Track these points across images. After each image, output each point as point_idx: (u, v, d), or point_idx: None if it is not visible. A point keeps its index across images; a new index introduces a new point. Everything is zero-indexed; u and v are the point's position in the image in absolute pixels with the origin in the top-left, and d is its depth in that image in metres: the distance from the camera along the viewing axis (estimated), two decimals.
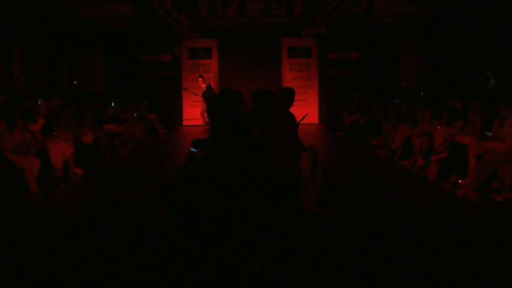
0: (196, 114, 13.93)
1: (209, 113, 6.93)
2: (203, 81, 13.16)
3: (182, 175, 5.96)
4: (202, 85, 13.13)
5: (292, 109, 5.90)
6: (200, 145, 6.02)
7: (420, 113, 8.53)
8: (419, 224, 5.01)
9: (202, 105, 13.38)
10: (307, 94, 14.39)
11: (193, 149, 5.97)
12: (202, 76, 13.31)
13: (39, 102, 7.37)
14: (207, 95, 12.63)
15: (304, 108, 12.57)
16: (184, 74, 14.34)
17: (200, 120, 13.61)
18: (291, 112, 5.78)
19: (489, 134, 6.44)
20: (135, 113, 11.01)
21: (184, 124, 14.30)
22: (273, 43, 14.33)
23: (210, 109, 6.70)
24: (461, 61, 11.28)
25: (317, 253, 4.17)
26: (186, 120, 14.34)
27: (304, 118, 6.54)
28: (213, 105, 6.49)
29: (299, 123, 5.85)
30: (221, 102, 6.07)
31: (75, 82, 12.92)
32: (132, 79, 13.48)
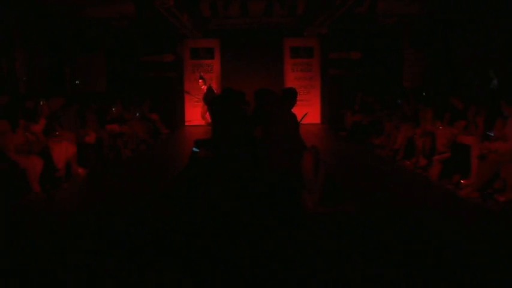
0: (198, 114, 13.93)
1: (211, 113, 6.96)
2: (204, 82, 13.13)
3: (184, 175, 5.97)
4: (202, 87, 13.11)
5: (294, 109, 5.91)
6: (202, 145, 6.04)
7: (422, 113, 8.51)
8: (421, 224, 5.00)
9: (202, 107, 13.38)
10: (309, 94, 14.40)
11: (195, 149, 5.99)
12: (203, 77, 13.27)
13: (40, 103, 7.38)
14: (208, 98, 12.61)
15: (306, 108, 12.55)
16: (186, 74, 14.34)
17: (202, 120, 13.61)
18: (293, 112, 5.78)
19: (492, 134, 6.43)
20: (137, 113, 11.02)
21: (186, 124, 14.31)
22: (275, 43, 14.33)
23: (212, 109, 6.72)
24: (463, 61, 11.27)
25: (318, 253, 4.16)
26: (188, 120, 14.35)
27: (304, 117, 6.55)
28: (215, 105, 6.51)
29: (300, 122, 5.86)
30: (223, 102, 6.09)
31: (77, 82, 12.92)
32: (134, 79, 13.49)
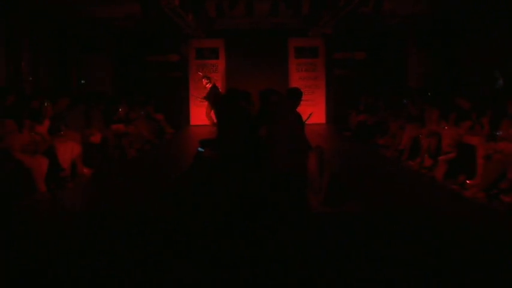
0: (203, 114, 13.94)
1: (217, 114, 6.97)
2: (208, 81, 13.14)
3: (189, 175, 5.98)
4: (207, 85, 13.13)
5: (298, 109, 5.91)
6: (207, 145, 6.04)
7: (428, 113, 8.49)
8: (426, 225, 4.99)
9: (207, 106, 13.39)
10: (314, 94, 14.37)
11: (200, 149, 5.99)
12: (207, 77, 13.27)
13: (45, 104, 7.41)
14: (211, 95, 12.62)
15: (311, 108, 12.49)
16: (191, 74, 14.35)
17: (207, 120, 13.62)
18: (298, 112, 5.78)
19: (498, 134, 6.40)
20: (143, 113, 11.05)
21: (191, 124, 14.33)
22: (280, 43, 14.33)
23: (218, 109, 6.73)
24: (469, 61, 11.22)
25: (323, 253, 4.16)
26: (193, 120, 14.36)
27: (309, 117, 6.55)
28: (220, 105, 6.52)
29: (305, 122, 5.86)
30: (228, 102, 6.09)
31: (82, 82, 12.96)
32: (139, 79, 13.52)
